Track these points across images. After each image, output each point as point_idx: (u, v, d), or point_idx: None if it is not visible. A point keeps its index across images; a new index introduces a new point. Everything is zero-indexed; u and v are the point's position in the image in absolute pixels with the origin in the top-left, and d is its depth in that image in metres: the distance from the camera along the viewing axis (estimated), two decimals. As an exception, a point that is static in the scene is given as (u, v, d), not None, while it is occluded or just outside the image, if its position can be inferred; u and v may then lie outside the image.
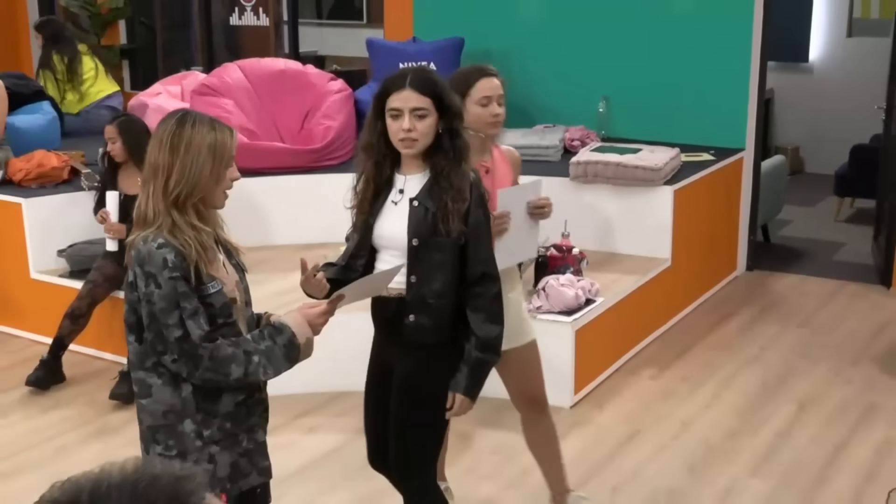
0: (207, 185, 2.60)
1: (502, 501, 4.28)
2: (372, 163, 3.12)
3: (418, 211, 3.05)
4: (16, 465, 4.57)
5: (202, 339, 2.55)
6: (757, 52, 6.87)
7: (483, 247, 3.11)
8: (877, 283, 6.84)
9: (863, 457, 4.59)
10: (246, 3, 9.24)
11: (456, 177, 3.01)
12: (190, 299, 2.55)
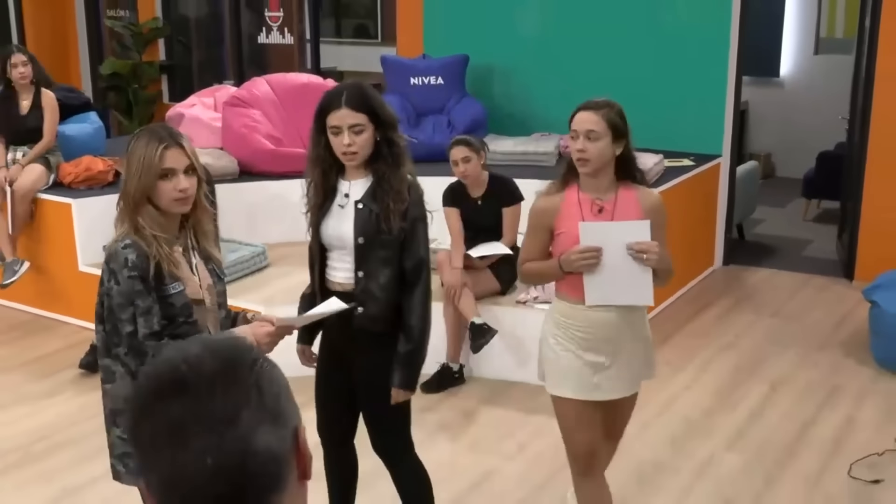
0: (144, 193, 2.54)
1: (503, 471, 4.28)
2: (319, 171, 3.16)
3: (363, 212, 3.09)
4: (68, 437, 4.59)
5: (147, 336, 2.51)
6: (733, 68, 6.87)
7: (417, 242, 3.15)
8: (841, 277, 6.84)
9: (828, 433, 4.60)
10: (273, 23, 9.24)
11: (395, 180, 3.06)
12: (144, 298, 2.52)
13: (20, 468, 4.36)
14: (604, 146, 3.08)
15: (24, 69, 6.02)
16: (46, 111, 6.16)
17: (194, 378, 1.10)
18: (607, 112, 3.11)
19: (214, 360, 1.11)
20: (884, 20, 6.28)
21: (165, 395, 1.09)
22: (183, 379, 1.10)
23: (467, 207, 5.22)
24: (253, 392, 1.11)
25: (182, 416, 1.08)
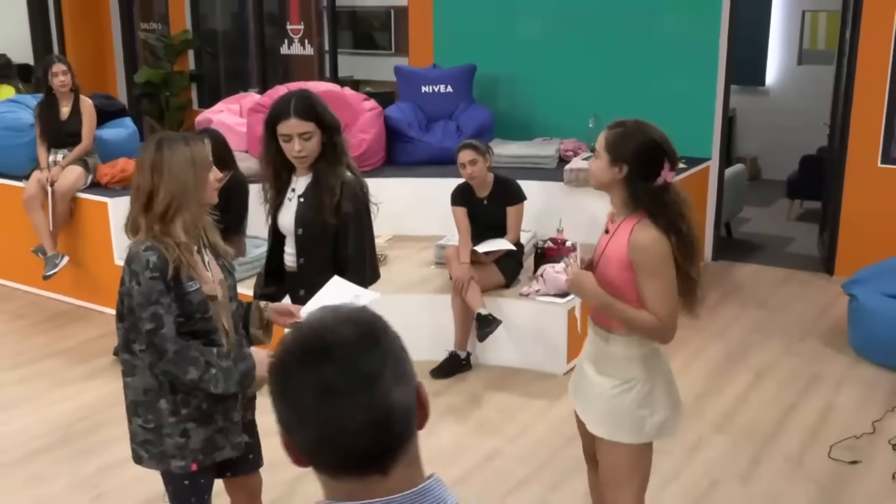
0: (196, 192, 2.56)
1: (506, 452, 4.29)
2: (272, 172, 3.26)
3: (303, 206, 3.20)
4: (104, 418, 4.61)
5: (173, 335, 2.52)
6: (722, 77, 6.85)
7: (347, 235, 3.20)
8: (822, 272, 6.81)
9: (809, 417, 4.59)
10: (294, 36, 9.25)
11: (331, 177, 3.15)
12: (165, 297, 2.51)
13: (61, 446, 4.39)
14: (601, 165, 2.74)
15: (65, 78, 6.04)
16: (85, 117, 6.18)
17: (339, 345, 1.15)
18: (610, 132, 2.77)
19: (355, 329, 1.17)
20: (863, 34, 6.26)
21: (313, 362, 1.15)
22: (329, 346, 1.15)
23: (474, 206, 5.22)
24: (389, 355, 1.18)
25: (332, 380, 1.13)
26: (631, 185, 2.68)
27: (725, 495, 3.86)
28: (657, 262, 2.65)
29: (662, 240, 2.64)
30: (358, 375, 1.14)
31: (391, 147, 7.04)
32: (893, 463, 4.12)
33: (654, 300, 2.66)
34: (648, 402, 2.77)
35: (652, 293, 2.66)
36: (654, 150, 2.66)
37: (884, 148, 6.34)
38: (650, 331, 2.71)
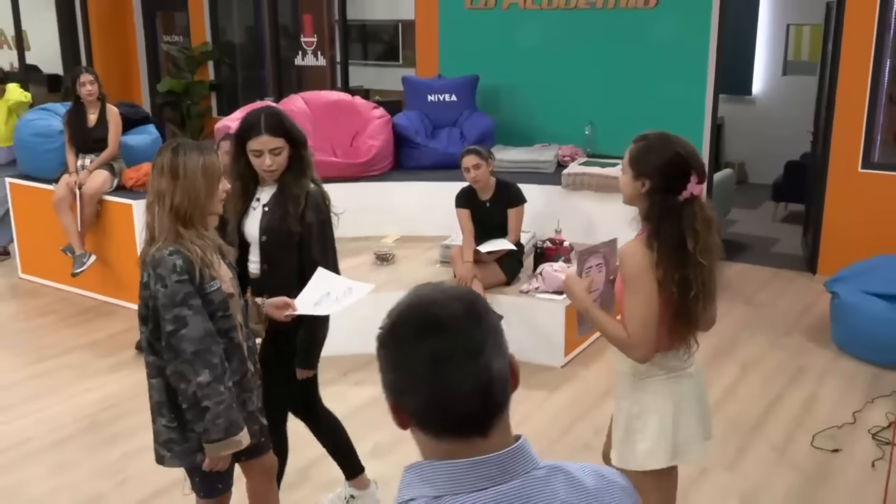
0: (206, 200, 2.54)
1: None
2: (240, 185, 3.20)
3: (268, 214, 3.17)
4: (129, 408, 4.62)
5: (205, 331, 2.50)
6: (711, 87, 6.83)
7: (311, 242, 3.18)
8: (805, 271, 6.80)
9: (793, 408, 4.58)
10: (307, 48, 9.25)
11: (296, 188, 3.13)
12: (195, 298, 2.49)
13: (87, 434, 4.40)
14: (626, 180, 2.55)
15: (92, 87, 6.05)
16: (111, 124, 6.19)
17: (449, 319, 1.21)
18: (635, 146, 2.57)
19: (461, 305, 1.23)
20: (844, 46, 6.24)
21: (427, 334, 1.20)
22: (440, 320, 1.21)
23: (477, 208, 5.21)
24: (490, 329, 1.23)
25: (443, 350, 1.19)
26: (652, 197, 2.48)
27: (714, 483, 3.85)
28: (631, 274, 2.46)
29: (642, 256, 2.44)
30: (467, 346, 1.20)
31: (399, 153, 7.03)
32: (873, 451, 4.11)
33: (626, 313, 2.49)
34: (638, 427, 2.56)
35: (626, 306, 2.49)
36: (677, 163, 2.45)
37: (864, 154, 6.33)
38: (618, 344, 2.51)
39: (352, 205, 6.53)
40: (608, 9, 7.09)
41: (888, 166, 6.37)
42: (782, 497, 3.76)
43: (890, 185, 6.27)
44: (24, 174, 6.79)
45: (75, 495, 3.82)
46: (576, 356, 5.26)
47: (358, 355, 5.23)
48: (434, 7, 7.89)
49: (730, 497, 3.75)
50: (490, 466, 1.19)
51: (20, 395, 4.83)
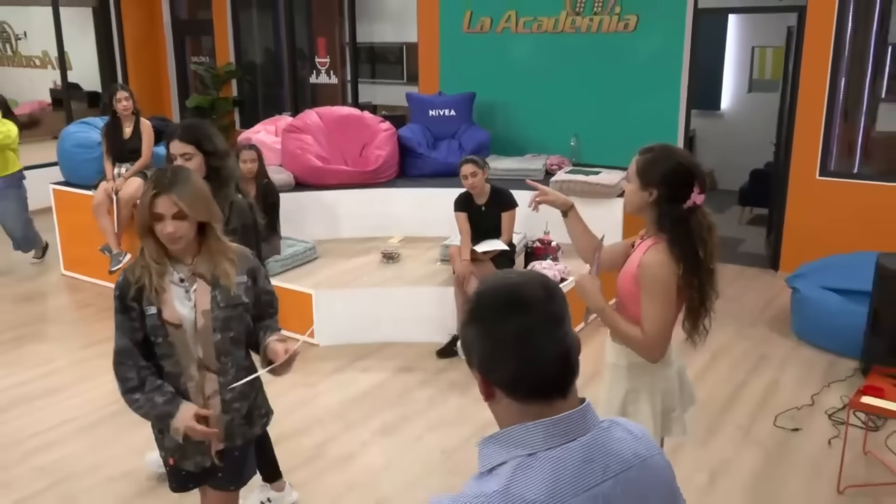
0: (144, 227, 2.34)
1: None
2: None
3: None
4: (159, 392, 4.60)
5: (118, 350, 2.39)
6: (683, 102, 6.84)
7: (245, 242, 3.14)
8: (768, 268, 6.80)
9: (757, 392, 4.58)
10: (321, 67, 9.25)
11: (219, 198, 3.01)
12: (119, 315, 2.37)
13: (122, 415, 4.37)
14: (633, 189, 2.47)
15: (127, 103, 6.05)
16: (144, 136, 6.19)
17: (532, 298, 1.25)
18: (641, 157, 2.48)
19: (538, 286, 1.28)
20: (804, 66, 6.24)
21: (514, 310, 1.25)
22: (525, 297, 1.25)
23: (473, 212, 5.21)
24: (565, 303, 1.29)
25: (530, 322, 1.24)
26: (660, 207, 2.41)
27: (687, 458, 3.85)
28: (657, 285, 2.38)
29: (668, 266, 2.38)
30: (549, 318, 1.25)
31: (403, 162, 7.03)
32: (829, 430, 4.11)
33: (646, 318, 2.41)
34: (633, 411, 2.56)
35: (645, 312, 2.41)
36: (682, 173, 2.39)
37: (821, 163, 6.33)
38: (634, 344, 2.47)
39: (361, 209, 6.59)
40: (591, 33, 7.10)
41: (843, 174, 6.37)
42: (748, 471, 3.76)
43: (844, 191, 6.27)
44: (66, 181, 6.79)
45: (110, 471, 3.83)
46: (562, 345, 5.26)
47: (366, 344, 5.24)
48: (435, 31, 7.89)
49: (701, 471, 3.75)
50: (572, 422, 1.24)
51: (66, 379, 4.83)
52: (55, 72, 10.05)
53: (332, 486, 3.66)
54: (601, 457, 1.24)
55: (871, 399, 3.51)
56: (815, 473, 3.73)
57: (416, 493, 3.58)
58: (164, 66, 10.42)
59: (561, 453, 1.22)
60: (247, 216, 3.20)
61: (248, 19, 10.13)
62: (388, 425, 4.21)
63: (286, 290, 5.37)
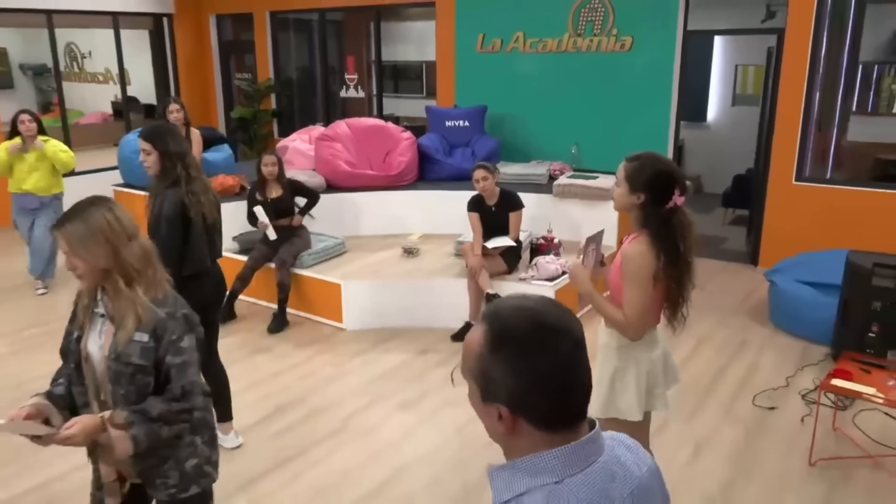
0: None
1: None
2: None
3: (151, 211, 3.34)
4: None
5: (61, 347, 2.12)
6: (673, 115, 6.80)
7: (156, 230, 3.27)
8: (748, 264, 6.74)
9: (737, 374, 4.55)
10: (350, 83, 9.26)
11: (168, 195, 3.26)
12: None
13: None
14: (622, 192, 2.48)
15: (178, 114, 6.08)
16: (194, 143, 6.22)
17: (560, 325, 1.10)
18: (629, 164, 2.48)
19: (559, 310, 1.13)
20: (782, 82, 6.18)
21: (547, 343, 1.09)
22: (555, 327, 1.10)
23: (485, 212, 5.21)
24: (581, 325, 1.14)
25: (565, 355, 1.09)
26: (646, 208, 2.43)
27: (674, 433, 3.84)
28: (636, 271, 2.41)
29: (647, 256, 2.40)
30: (578, 343, 1.11)
31: (422, 167, 7.04)
32: (802, 409, 4.08)
33: (626, 302, 2.44)
34: (620, 387, 2.57)
35: (626, 296, 2.44)
36: (665, 179, 2.40)
37: (797, 170, 6.27)
38: (616, 325, 2.50)
39: (384, 209, 6.60)
40: (591, 52, 7.06)
41: (816, 179, 6.31)
42: (728, 444, 3.74)
43: (818, 194, 6.21)
44: (125, 182, 6.85)
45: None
46: (563, 331, 5.25)
47: (388, 328, 5.25)
48: (451, 51, 7.88)
49: (686, 444, 3.74)
50: (591, 444, 1.13)
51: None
52: (116, 87, 10.13)
53: (357, 454, 3.68)
54: (621, 473, 1.15)
55: (841, 381, 3.49)
56: (789, 447, 3.70)
57: (432, 462, 3.60)
58: (212, 82, 10.48)
59: (587, 477, 1.10)
60: (173, 205, 3.24)
61: (286, 40, 10.16)
62: (407, 402, 4.22)
63: (319, 281, 5.40)
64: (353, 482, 3.43)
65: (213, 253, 3.45)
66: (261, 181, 5.44)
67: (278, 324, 5.22)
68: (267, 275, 5.52)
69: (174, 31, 9.93)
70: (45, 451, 3.05)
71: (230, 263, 5.87)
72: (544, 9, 7.23)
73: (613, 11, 6.90)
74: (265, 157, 5.42)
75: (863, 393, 3.38)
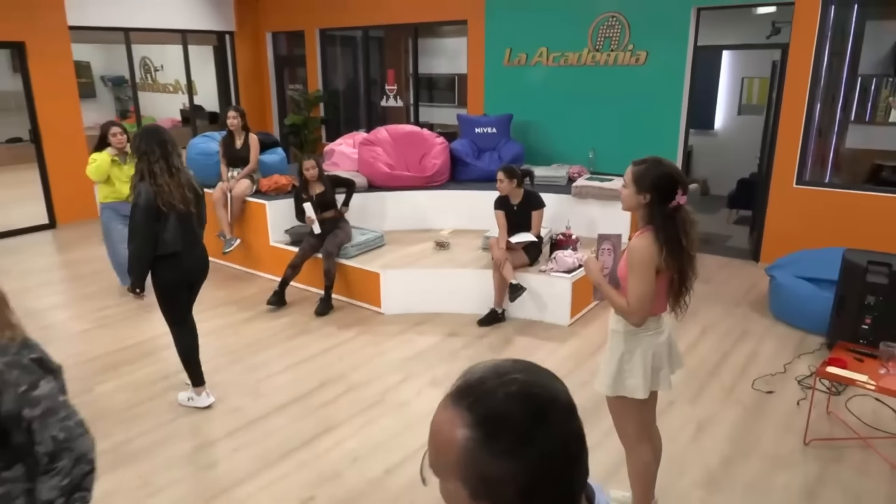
0: None
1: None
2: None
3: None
4: (262, 346, 4.71)
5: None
6: (683, 123, 6.68)
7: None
8: (750, 260, 6.61)
9: (739, 361, 4.48)
10: (390, 93, 9.27)
11: (140, 187, 3.43)
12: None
13: (234, 363, 4.50)
14: (629, 194, 2.46)
15: (235, 120, 6.14)
16: (252, 147, 6.29)
17: (556, 396, 0.88)
18: (636, 168, 2.46)
19: (549, 377, 0.92)
20: (785, 93, 6.04)
21: (560, 417, 0.86)
22: (551, 399, 0.87)
23: (509, 210, 5.19)
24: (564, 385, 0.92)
25: (573, 427, 0.87)
26: (651, 207, 2.42)
27: (678, 413, 3.80)
28: (639, 262, 2.40)
29: (651, 248, 2.39)
30: (574, 414, 0.88)
31: (454, 169, 7.03)
32: (798, 393, 4.01)
33: (629, 289, 2.45)
34: (628, 368, 2.56)
35: (630, 284, 2.44)
36: (669, 180, 2.40)
37: (798, 174, 6.12)
38: (621, 311, 2.49)
39: (419, 206, 6.61)
40: (609, 66, 6.97)
41: (815, 183, 6.15)
42: (729, 424, 3.69)
43: (816, 197, 6.06)
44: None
45: (225, 407, 3.93)
46: (579, 318, 5.22)
47: (422, 313, 5.27)
48: (481, 64, 7.84)
49: (690, 423, 3.69)
50: None
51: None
52: (184, 96, 10.30)
53: (392, 425, 3.71)
54: None
55: (835, 369, 3.41)
56: (785, 428, 3.64)
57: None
58: (268, 92, 10.59)
59: None
60: (139, 196, 3.40)
61: (334, 55, 10.21)
62: (437, 378, 4.24)
63: (360, 270, 5.44)
64: (389, 450, 3.46)
65: (189, 238, 3.59)
66: (304, 182, 5.51)
67: (324, 308, 5.28)
68: (315, 264, 5.58)
69: (235, 46, 10.05)
70: None
71: (282, 254, 5.95)
72: (566, 26, 7.16)
73: (630, 28, 6.80)
74: (305, 163, 5.49)
75: (856, 380, 3.31)
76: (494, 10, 7.62)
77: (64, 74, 7.90)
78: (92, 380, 4.21)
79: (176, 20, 9.13)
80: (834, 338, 4.36)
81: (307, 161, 5.49)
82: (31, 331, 1.77)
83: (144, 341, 4.82)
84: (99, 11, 8.29)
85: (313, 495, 3.10)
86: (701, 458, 3.38)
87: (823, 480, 3.19)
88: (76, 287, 5.96)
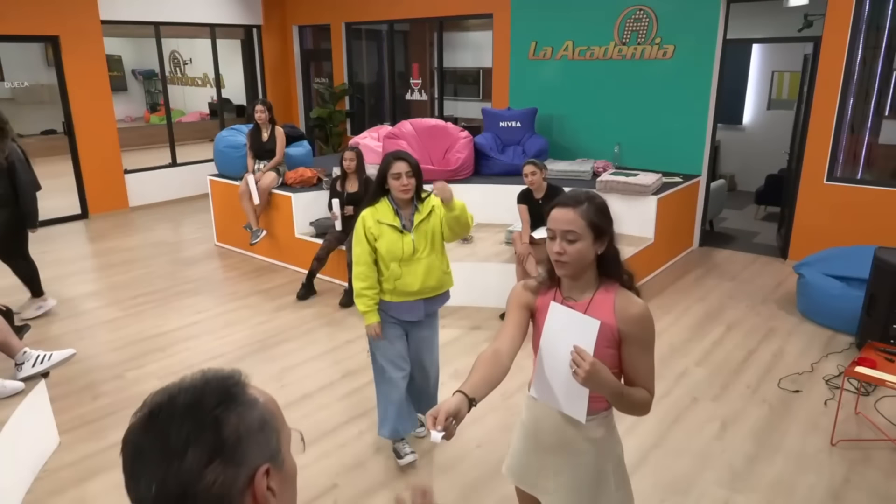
0: None
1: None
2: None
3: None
4: (286, 337, 4.76)
5: None
6: (711, 118, 6.58)
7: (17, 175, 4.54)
8: (778, 257, 6.51)
9: (765, 359, 4.42)
10: (414, 87, 9.28)
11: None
12: None
13: (260, 352, 4.56)
14: (583, 247, 1.73)
15: (262, 114, 6.19)
16: (278, 140, 6.35)
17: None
18: (586, 209, 1.74)
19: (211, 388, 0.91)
20: (817, 88, 5.91)
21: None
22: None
23: (532, 204, 5.17)
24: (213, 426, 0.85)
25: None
26: (607, 257, 1.78)
27: (702, 410, 3.76)
28: (652, 334, 1.74)
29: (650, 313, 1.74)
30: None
31: (478, 163, 7.02)
32: (825, 393, 3.94)
33: (648, 375, 1.74)
34: (618, 474, 1.89)
35: (646, 367, 1.74)
36: (606, 209, 1.79)
37: (829, 170, 6.01)
38: (645, 407, 1.74)
39: (443, 200, 6.61)
40: (635, 59, 6.89)
41: (847, 180, 6.03)
42: (753, 423, 3.65)
43: (847, 194, 5.93)
44: (219, 173, 7.05)
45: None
46: (602, 313, 5.18)
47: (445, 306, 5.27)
48: (506, 58, 7.81)
49: (714, 421, 3.66)
50: None
51: (216, 324, 5.02)
52: (212, 89, 10.42)
53: (416, 416, 3.73)
54: None
55: (865, 369, 3.35)
56: (811, 428, 3.59)
57: (481, 425, 3.62)
58: (294, 85, 10.67)
59: None
60: (15, 156, 4.05)
61: (359, 48, 10.24)
62: (459, 371, 4.25)
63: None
64: (411, 440, 3.48)
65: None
66: (343, 174, 5.52)
67: (348, 299, 5.32)
68: (340, 256, 5.62)
69: (262, 40, 10.13)
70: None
71: (308, 246, 6.00)
72: (592, 19, 7.09)
73: (657, 21, 6.71)
74: (346, 153, 5.46)
75: (886, 381, 3.24)
76: (520, 3, 7.57)
77: (96, 68, 8.04)
78: (123, 366, 4.31)
79: (205, 14, 9.23)
80: (864, 337, 4.28)
81: (347, 151, 5.49)
82: (65, 318, 1.83)
83: (174, 330, 4.91)
84: (130, 6, 8.41)
85: (336, 483, 3.14)
86: (724, 455, 3.35)
87: (850, 482, 3.14)
88: (107, 276, 6.09)
